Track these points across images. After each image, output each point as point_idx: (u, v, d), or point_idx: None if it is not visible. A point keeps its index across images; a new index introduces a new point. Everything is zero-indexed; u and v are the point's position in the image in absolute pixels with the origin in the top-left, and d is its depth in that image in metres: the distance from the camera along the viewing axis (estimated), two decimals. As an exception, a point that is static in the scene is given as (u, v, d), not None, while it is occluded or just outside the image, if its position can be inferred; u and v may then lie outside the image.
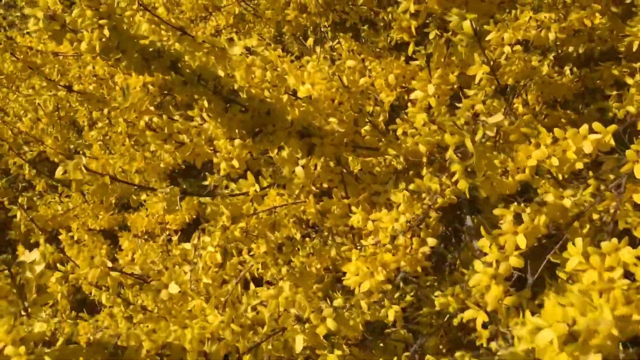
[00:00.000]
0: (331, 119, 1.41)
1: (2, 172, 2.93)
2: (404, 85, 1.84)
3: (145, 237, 2.26)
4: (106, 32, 1.03)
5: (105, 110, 2.19)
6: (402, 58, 1.82)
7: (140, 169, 2.19)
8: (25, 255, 0.97)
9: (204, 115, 1.54)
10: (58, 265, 2.51)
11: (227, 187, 2.36)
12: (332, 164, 1.43)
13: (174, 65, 1.19)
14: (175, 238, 2.01)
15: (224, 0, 2.36)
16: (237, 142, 1.25)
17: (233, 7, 2.27)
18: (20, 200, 2.32)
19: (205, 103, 2.28)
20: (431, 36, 1.42)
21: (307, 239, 1.37)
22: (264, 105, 1.26)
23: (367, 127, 1.38)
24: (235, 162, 1.27)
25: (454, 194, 1.12)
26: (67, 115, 2.77)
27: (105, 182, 1.17)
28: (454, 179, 1.07)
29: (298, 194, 1.95)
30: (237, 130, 1.28)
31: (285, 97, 1.31)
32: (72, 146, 2.72)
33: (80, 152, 2.81)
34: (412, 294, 1.29)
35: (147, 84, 2.16)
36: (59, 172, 1.13)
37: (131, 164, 2.14)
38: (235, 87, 1.26)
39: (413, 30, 1.36)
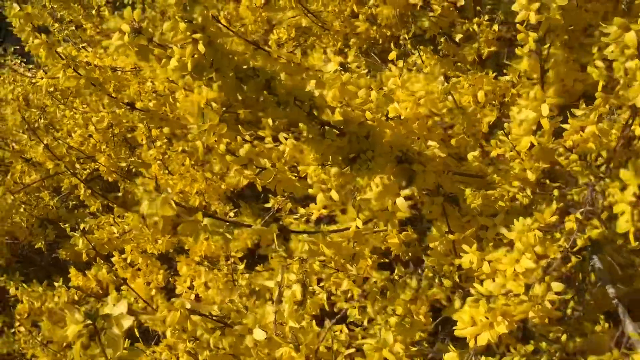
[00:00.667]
0: (430, 143, 1.25)
1: (52, 190, 2.85)
2: (493, 102, 1.68)
3: (206, 262, 2.12)
4: (201, 47, 0.89)
5: (166, 129, 2.07)
6: (491, 73, 1.66)
7: (201, 190, 2.07)
8: (110, 306, 0.84)
9: (282, 137, 1.40)
10: (112, 289, 2.41)
11: (293, 211, 2.23)
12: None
13: (267, 85, 1.05)
14: (241, 267, 1.87)
15: (289, 12, 2.23)
16: (333, 170, 1.11)
17: (300, 19, 2.14)
18: (82, 225, 2.22)
19: (270, 121, 2.13)
20: (553, 50, 1.25)
21: (408, 279, 1.20)
22: (363, 128, 1.12)
23: (475, 153, 1.22)
24: (334, 194, 1.12)
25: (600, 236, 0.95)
26: (121, 133, 2.68)
27: (198, 219, 1.03)
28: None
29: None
30: (330, 157, 1.13)
31: (383, 119, 1.16)
32: (123, 164, 2.62)
33: (134, 170, 2.72)
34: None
35: (210, 101, 2.05)
36: (144, 208, 1.00)
37: (192, 185, 2.02)
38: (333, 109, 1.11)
39: (533, 44, 1.18)
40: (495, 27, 1.78)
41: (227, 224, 1.01)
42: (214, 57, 0.92)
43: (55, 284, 2.47)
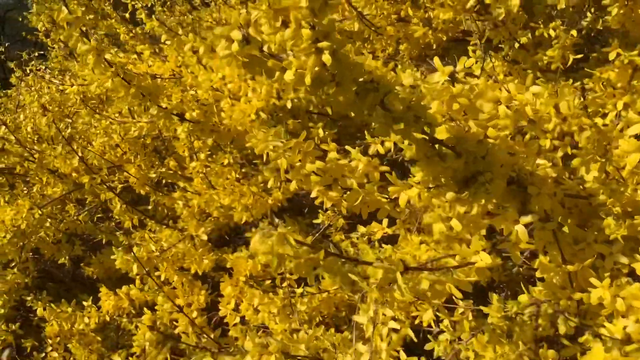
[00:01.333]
0: (540, 161, 1.13)
1: (76, 202, 2.71)
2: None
3: (252, 283, 1.99)
4: (327, 58, 0.76)
5: (209, 140, 1.94)
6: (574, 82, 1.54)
7: (249, 205, 1.93)
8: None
9: (355, 153, 1.27)
10: (145, 310, 2.27)
11: (342, 228, 2.10)
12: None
13: (382, 99, 0.92)
14: (299, 290, 1.74)
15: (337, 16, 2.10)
16: (449, 195, 0.97)
17: (352, 23, 2.01)
18: (119, 239, 2.08)
19: (320, 131, 1.98)
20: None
21: (525, 317, 1.07)
22: (481, 147, 0.99)
23: (596, 173, 1.09)
24: (455, 224, 0.99)
25: None
26: (152, 143, 2.55)
27: (315, 258, 0.89)
28: None
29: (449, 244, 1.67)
30: (442, 179, 1.00)
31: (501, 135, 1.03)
32: (153, 175, 2.48)
33: (164, 181, 2.58)
34: None
35: (259, 111, 1.92)
36: (255, 245, 0.86)
37: (241, 200, 1.89)
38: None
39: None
40: (574, 32, 1.65)
41: (347, 260, 0.88)
42: (338, 69, 0.79)
43: (84, 303, 2.33)
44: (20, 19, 3.60)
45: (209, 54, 2.12)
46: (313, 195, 1.21)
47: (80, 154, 2.09)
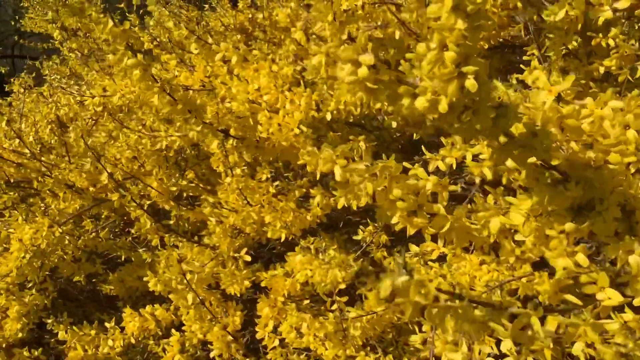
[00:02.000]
0: (642, 184, 1.05)
1: (91, 218, 2.60)
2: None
3: (290, 303, 1.90)
4: (472, 83, 0.68)
5: (246, 155, 1.85)
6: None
7: (288, 222, 1.85)
8: None
9: (421, 172, 1.20)
10: (173, 331, 2.17)
11: (385, 245, 2.02)
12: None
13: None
14: (352, 313, 1.65)
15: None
16: (569, 226, 0.90)
17: (393, 30, 1.93)
18: (144, 257, 1.97)
19: (362, 144, 1.91)
20: None
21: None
22: (600, 174, 0.91)
23: None
24: (582, 259, 0.91)
25: None
26: (174, 156, 2.45)
27: (450, 305, 0.81)
28: None
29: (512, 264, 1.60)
30: (549, 208, 0.93)
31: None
32: (174, 189, 2.38)
33: (185, 195, 2.48)
34: None
35: (300, 126, 1.83)
36: (385, 290, 0.78)
37: (282, 217, 1.80)
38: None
39: None
40: (633, 41, 1.59)
41: (486, 307, 0.80)
42: (478, 95, 0.71)
43: (107, 324, 2.22)
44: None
45: (241, 64, 2.03)
46: (394, 221, 1.13)
47: (108, 171, 1.98)
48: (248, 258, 1.85)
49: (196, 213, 2.30)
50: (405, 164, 1.24)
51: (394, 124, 1.96)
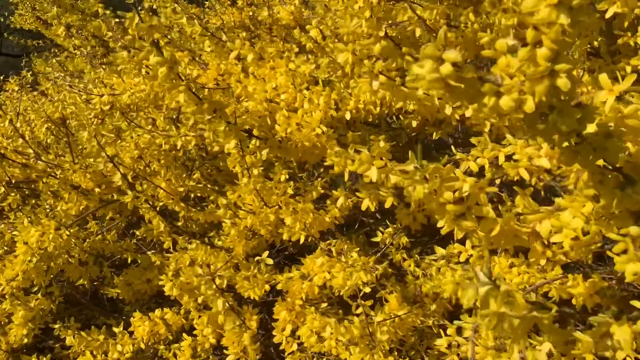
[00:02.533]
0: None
1: (95, 219, 2.53)
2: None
3: (308, 306, 1.86)
4: (564, 82, 0.65)
5: (264, 155, 1.80)
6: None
7: (307, 224, 1.81)
8: None
9: (459, 173, 1.17)
10: (185, 335, 2.11)
11: (404, 247, 1.98)
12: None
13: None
14: (378, 317, 1.61)
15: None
16: (634, 230, 0.87)
17: (413, 28, 1.90)
18: (153, 259, 1.91)
19: (382, 143, 1.85)
20: None
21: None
22: (665, 176, 0.89)
23: None
24: None
25: None
26: (183, 156, 2.40)
27: None
28: None
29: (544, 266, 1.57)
30: (617, 212, 0.90)
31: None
32: (181, 189, 2.32)
33: (192, 195, 2.43)
34: None
35: (322, 125, 1.79)
36: (468, 301, 0.74)
37: (303, 219, 1.76)
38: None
39: None
40: (661, 40, 1.58)
41: None
42: (564, 94, 0.68)
43: (115, 329, 2.16)
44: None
45: (257, 62, 1.98)
46: (440, 224, 1.09)
47: (122, 171, 1.92)
48: (270, 261, 1.81)
49: (206, 214, 2.25)
50: (436, 164, 1.21)
51: (414, 124, 1.93)
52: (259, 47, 1.90)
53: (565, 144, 0.82)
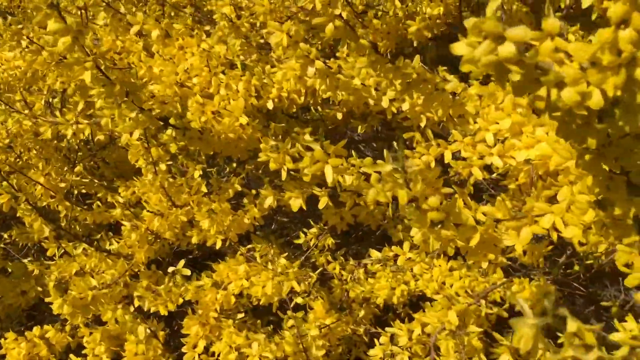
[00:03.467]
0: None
1: None
2: None
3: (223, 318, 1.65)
4: (644, 73, 0.53)
5: (173, 148, 1.56)
6: None
7: (225, 226, 1.61)
8: None
9: None
10: (72, 357, 1.82)
11: (329, 249, 1.83)
12: None
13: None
14: (313, 332, 1.44)
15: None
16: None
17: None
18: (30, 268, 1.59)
19: (307, 137, 1.79)
20: None
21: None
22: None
23: None
24: None
25: None
26: (66, 147, 2.06)
27: None
28: None
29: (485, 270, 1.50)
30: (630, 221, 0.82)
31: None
32: (62, 185, 2.00)
33: (76, 192, 2.11)
34: None
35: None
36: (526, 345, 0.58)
37: (222, 221, 1.56)
38: None
39: None
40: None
41: None
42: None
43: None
44: None
45: (163, 40, 1.73)
46: (413, 233, 0.96)
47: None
48: (187, 272, 1.57)
49: (95, 214, 1.94)
50: (379, 162, 1.07)
51: (340, 116, 1.79)
52: (165, 23, 1.65)
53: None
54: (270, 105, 1.65)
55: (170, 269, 1.57)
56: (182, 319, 1.67)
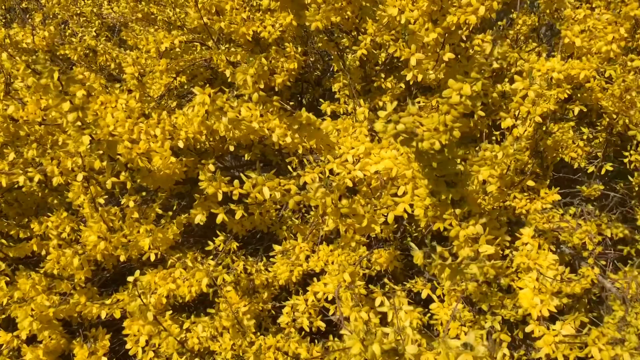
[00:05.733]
0: None
1: None
2: None
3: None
4: None
5: (109, 184, 1.96)
6: None
7: (158, 242, 2.05)
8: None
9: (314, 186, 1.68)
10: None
11: (234, 252, 2.34)
12: None
13: None
14: (243, 308, 1.96)
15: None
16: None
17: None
18: None
19: (211, 167, 2.26)
20: None
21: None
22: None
23: None
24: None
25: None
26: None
27: None
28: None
29: (354, 247, 2.15)
30: (448, 201, 1.52)
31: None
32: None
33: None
34: None
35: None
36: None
37: (159, 238, 2.00)
38: None
39: None
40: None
41: None
42: None
43: None
44: None
45: (86, 99, 2.13)
46: (328, 222, 1.56)
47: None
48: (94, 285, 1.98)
49: (18, 249, 2.22)
50: (281, 179, 1.68)
51: (232, 148, 2.32)
52: (87, 85, 2.03)
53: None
54: (181, 144, 2.13)
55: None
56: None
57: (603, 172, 2.41)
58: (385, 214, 1.64)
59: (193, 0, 2.09)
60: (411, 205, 1.64)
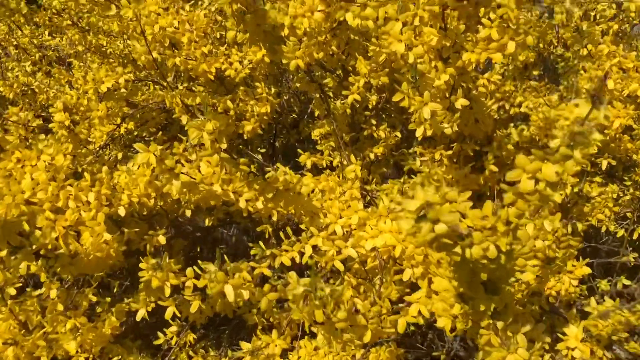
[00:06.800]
0: None
1: None
2: None
3: None
4: None
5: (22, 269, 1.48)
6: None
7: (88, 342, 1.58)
8: None
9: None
10: None
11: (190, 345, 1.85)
12: None
13: None
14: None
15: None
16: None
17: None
18: None
19: (161, 238, 1.87)
20: None
21: None
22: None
23: None
24: None
25: None
26: None
27: None
28: None
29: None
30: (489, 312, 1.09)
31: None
32: None
33: None
34: None
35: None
36: None
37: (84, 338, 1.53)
38: None
39: None
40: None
41: None
42: None
43: None
44: None
45: (-5, 153, 1.65)
46: (321, 341, 1.11)
47: None
48: None
49: None
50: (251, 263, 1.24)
51: (188, 213, 1.87)
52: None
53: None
54: (122, 212, 1.67)
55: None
56: None
57: (636, 236, 2.03)
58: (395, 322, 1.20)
59: (140, 31, 1.65)
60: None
